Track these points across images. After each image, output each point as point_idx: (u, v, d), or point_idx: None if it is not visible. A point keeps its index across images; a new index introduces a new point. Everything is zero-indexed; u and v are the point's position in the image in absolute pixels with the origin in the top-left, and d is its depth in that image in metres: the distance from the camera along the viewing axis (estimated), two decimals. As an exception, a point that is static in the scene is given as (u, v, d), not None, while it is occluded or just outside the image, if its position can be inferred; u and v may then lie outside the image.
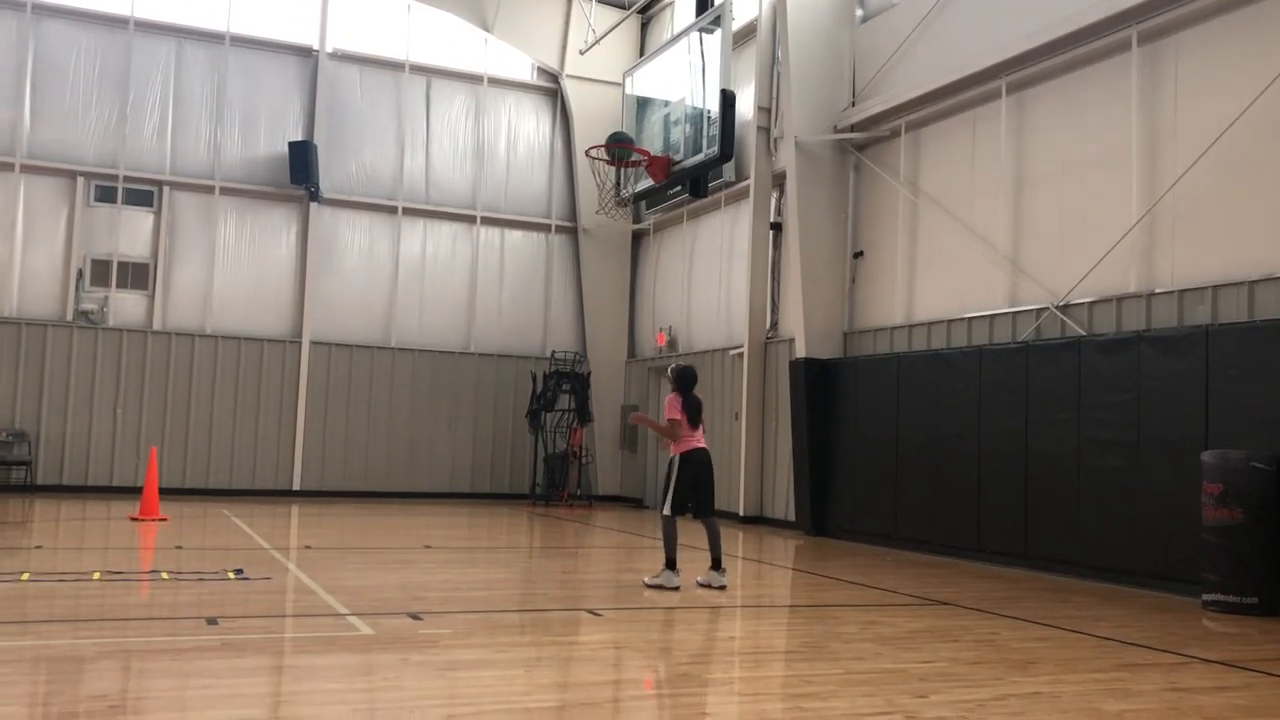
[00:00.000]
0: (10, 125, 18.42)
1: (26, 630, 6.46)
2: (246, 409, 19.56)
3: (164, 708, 4.84)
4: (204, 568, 9.28)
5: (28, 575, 8.55)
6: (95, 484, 18.38)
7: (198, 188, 19.55)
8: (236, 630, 6.54)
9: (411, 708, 4.91)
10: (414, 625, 6.87)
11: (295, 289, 20.17)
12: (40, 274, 18.60)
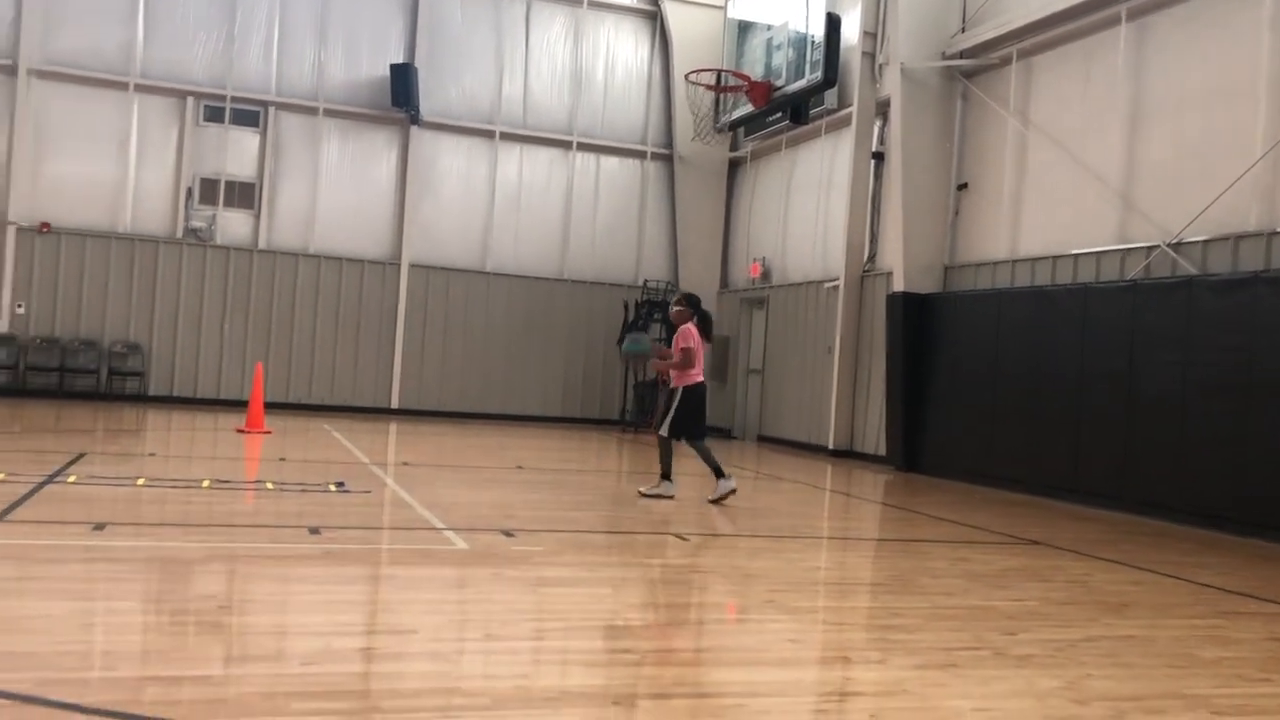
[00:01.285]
0: (124, 45, 18.87)
1: (142, 532, 6.78)
2: (347, 328, 20.03)
3: (269, 610, 5.06)
4: (306, 480, 9.60)
5: (143, 480, 8.95)
6: (203, 396, 19.08)
7: (302, 109, 19.84)
8: (338, 540, 6.78)
9: (504, 620, 5.05)
10: (506, 542, 7.04)
11: (395, 212, 20.45)
12: (152, 192, 19.16)
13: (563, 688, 4.02)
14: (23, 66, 18.21)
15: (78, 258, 18.60)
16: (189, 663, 4.03)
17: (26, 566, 5.52)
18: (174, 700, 3.53)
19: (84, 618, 4.62)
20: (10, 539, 6.22)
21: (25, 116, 18.28)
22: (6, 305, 18.23)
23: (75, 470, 9.19)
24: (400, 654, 4.33)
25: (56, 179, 18.57)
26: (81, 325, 18.60)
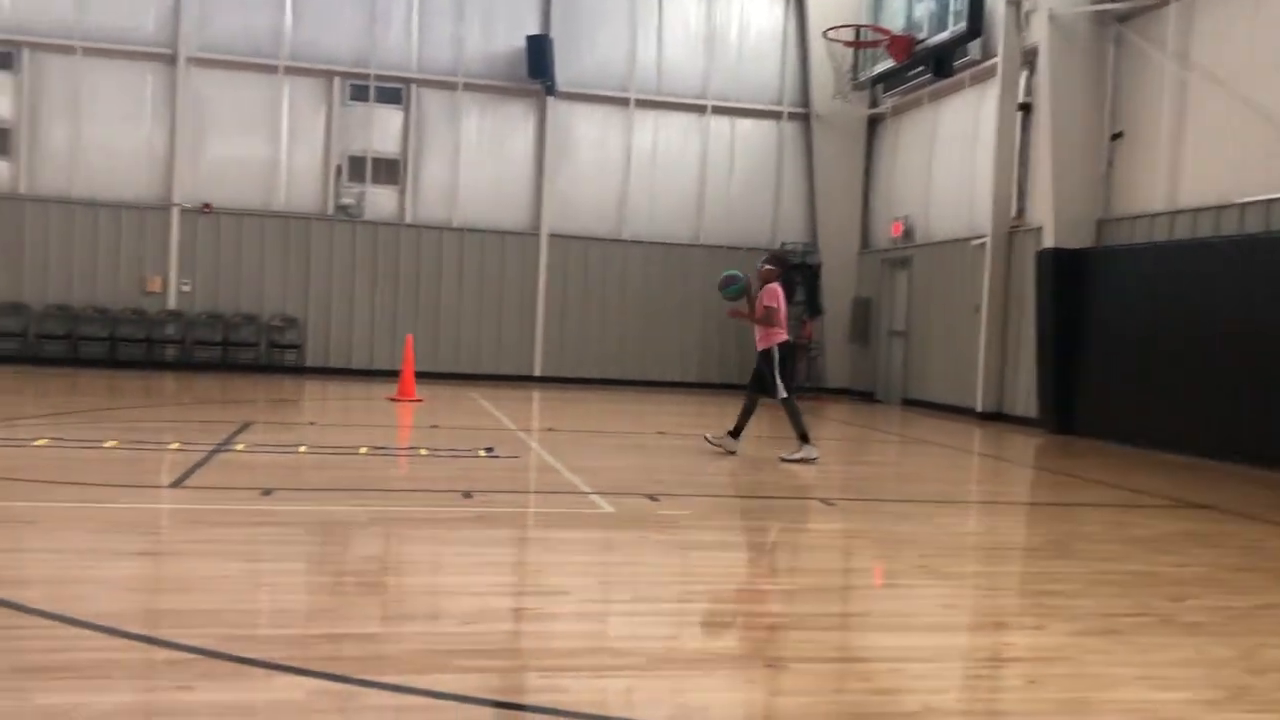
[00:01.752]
0: (274, 30, 19.58)
1: (306, 497, 7.11)
2: (490, 298, 20.46)
3: (427, 571, 5.25)
4: (457, 446, 9.88)
5: (304, 448, 9.37)
6: (357, 366, 19.80)
7: (442, 84, 20.25)
8: (489, 504, 6.97)
9: (652, 583, 5.12)
10: (652, 506, 7.11)
11: (533, 183, 20.73)
12: (303, 171, 19.89)
13: (713, 650, 4.06)
14: (182, 55, 19.10)
15: (236, 236, 19.49)
16: (355, 621, 4.22)
17: (204, 529, 5.86)
18: (342, 656, 3.71)
19: (258, 578, 4.88)
20: (188, 504, 6.60)
21: (185, 103, 19.18)
22: (174, 283, 19.25)
23: (242, 439, 9.68)
24: (553, 614, 4.44)
25: (215, 161, 19.46)
26: (242, 300, 19.51)
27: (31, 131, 18.82)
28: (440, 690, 3.39)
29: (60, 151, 18.91)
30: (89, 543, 5.39)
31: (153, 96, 19.21)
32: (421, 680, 3.47)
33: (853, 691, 3.68)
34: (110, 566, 4.95)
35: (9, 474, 7.31)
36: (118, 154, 19.06)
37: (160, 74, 19.17)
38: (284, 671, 3.51)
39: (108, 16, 18.88)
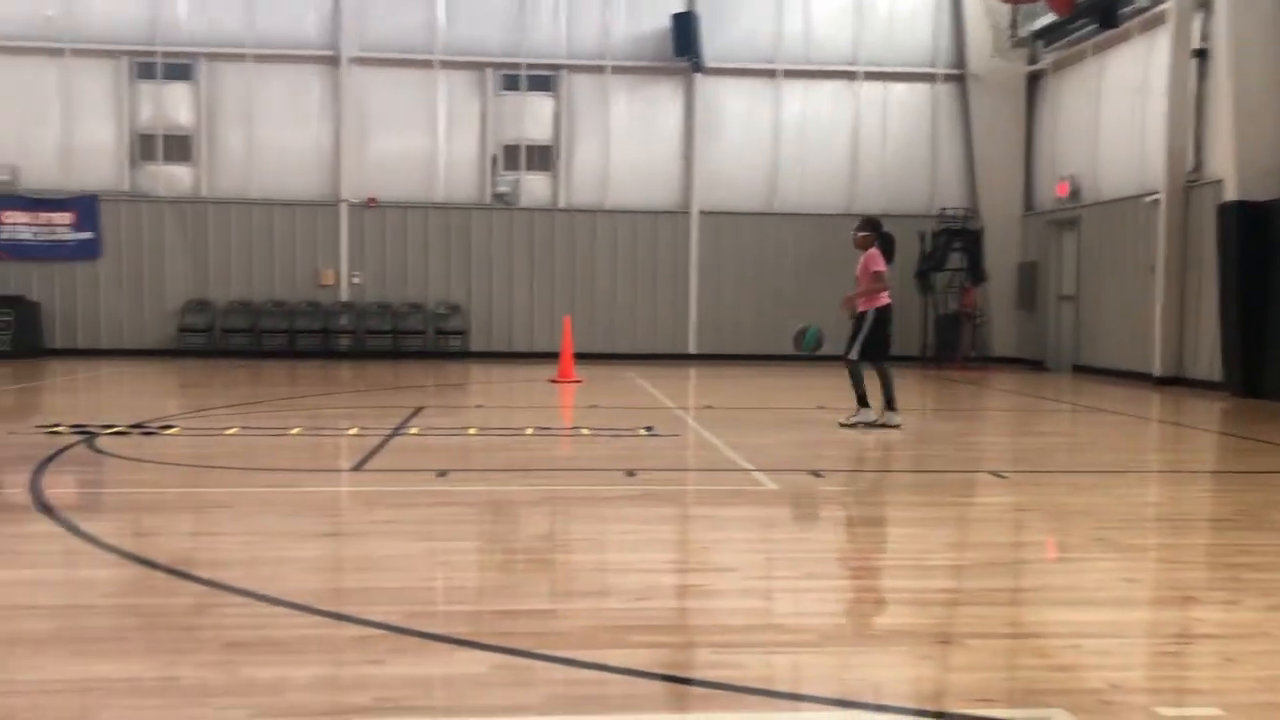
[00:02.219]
0: (427, 26, 20.16)
1: (478, 477, 7.35)
2: (644, 278, 20.64)
3: (598, 549, 5.37)
4: (618, 425, 10.03)
5: (474, 430, 9.68)
6: (518, 350, 20.30)
7: (590, 69, 20.47)
8: (653, 482, 7.06)
9: (820, 559, 5.10)
10: (815, 482, 7.08)
11: (682, 161, 20.77)
12: (461, 161, 20.46)
13: (885, 626, 4.03)
14: (343, 56, 19.88)
15: (400, 228, 20.21)
16: (533, 598, 4.36)
17: (385, 510, 6.14)
18: (519, 632, 3.84)
19: (437, 556, 5.08)
20: (369, 486, 6.93)
21: (349, 102, 19.97)
22: (345, 275, 20.12)
23: (415, 423, 10.07)
24: (723, 591, 4.48)
25: (378, 156, 20.21)
26: (408, 290, 20.24)
27: (210, 137, 19.94)
28: (615, 665, 3.48)
29: (236, 155, 19.98)
30: (279, 525, 5.72)
31: (318, 97, 20.07)
32: (596, 655, 3.56)
33: (1030, 668, 3.60)
34: (299, 547, 5.25)
35: (204, 461, 7.81)
36: (288, 154, 20.02)
37: (324, 76, 20.01)
38: (465, 646, 3.66)
39: (274, 24, 19.80)
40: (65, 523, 5.61)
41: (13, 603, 4.19)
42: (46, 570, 4.77)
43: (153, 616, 4.03)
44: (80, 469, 7.44)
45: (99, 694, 3.17)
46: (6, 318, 18.66)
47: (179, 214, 19.79)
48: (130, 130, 19.78)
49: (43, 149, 19.62)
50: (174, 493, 6.70)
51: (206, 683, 3.28)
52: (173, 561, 4.79)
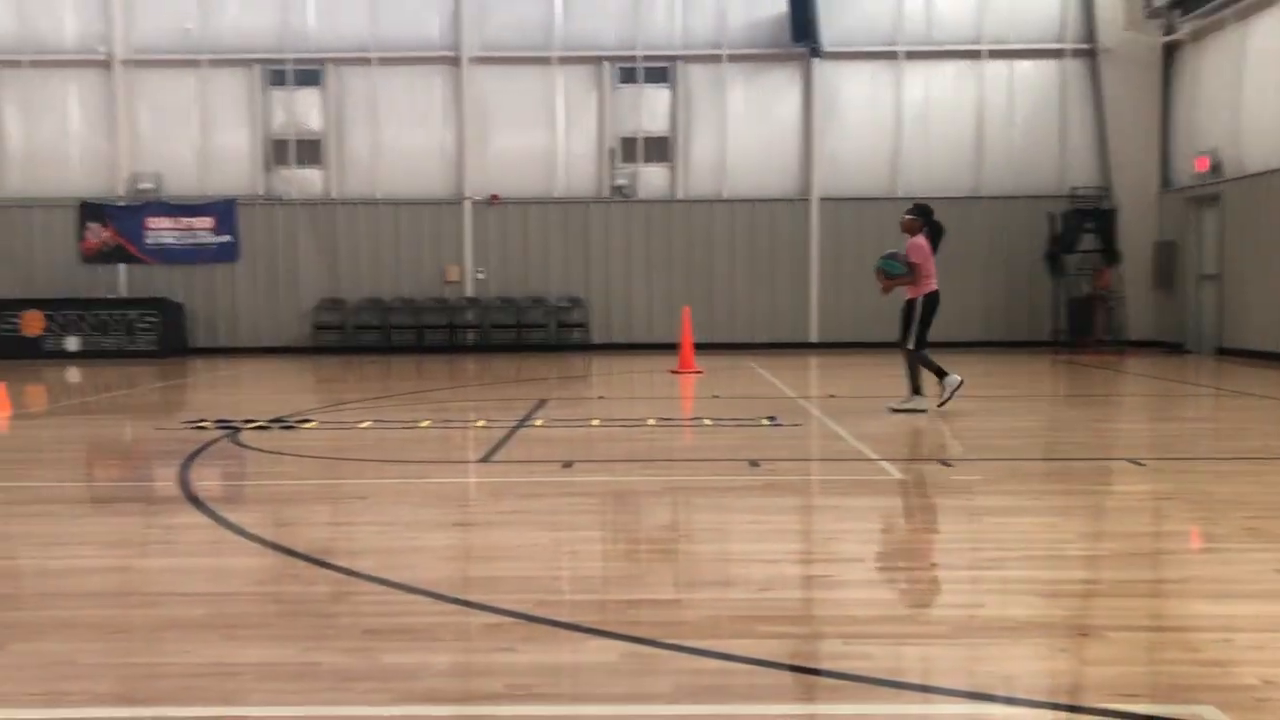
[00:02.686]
0: (545, 23, 20.39)
1: (602, 468, 7.43)
2: (763, 266, 20.51)
3: (721, 539, 5.36)
4: (740, 415, 10.00)
5: (597, 421, 9.77)
6: (638, 341, 20.41)
7: (706, 58, 20.41)
8: (777, 472, 7.02)
9: (950, 549, 5.00)
10: (943, 471, 6.93)
11: (801, 148, 20.55)
12: (579, 156, 20.66)
13: (1019, 618, 3.92)
14: (464, 56, 20.26)
15: (521, 223, 20.52)
16: (658, 587, 4.39)
17: (513, 501, 6.25)
18: (648, 621, 3.86)
19: (565, 545, 5.15)
20: (497, 477, 7.06)
21: (470, 101, 20.35)
22: (469, 271, 20.53)
23: (540, 415, 10.23)
24: (850, 581, 4.43)
25: (498, 153, 20.55)
26: (530, 284, 20.54)
27: (338, 140, 20.57)
28: (745, 655, 3.48)
29: (363, 156, 20.57)
30: (411, 515, 5.88)
31: (440, 98, 20.51)
32: (725, 645, 3.57)
33: (1175, 663, 3.46)
34: (431, 537, 5.39)
35: (340, 454, 8.08)
36: (413, 154, 20.52)
37: (446, 76, 20.43)
38: (596, 635, 3.70)
39: (397, 27, 20.30)
40: (212, 513, 5.87)
41: (165, 589, 4.41)
42: (195, 559, 5.01)
43: (294, 603, 4.20)
44: (224, 462, 7.78)
45: (246, 678, 3.32)
46: (152, 319, 19.62)
47: (311, 216, 20.49)
48: (264, 136, 20.55)
49: (183, 157, 20.54)
50: (312, 484, 6.95)
51: (348, 668, 3.39)
52: (312, 551, 4.97)
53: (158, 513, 6.08)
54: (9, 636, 3.75)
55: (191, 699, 3.16)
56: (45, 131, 20.49)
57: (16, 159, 20.52)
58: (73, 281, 20.36)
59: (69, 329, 19.55)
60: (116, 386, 14.19)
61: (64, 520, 5.89)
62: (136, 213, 20.28)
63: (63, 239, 20.39)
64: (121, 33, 20.17)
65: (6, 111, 20.48)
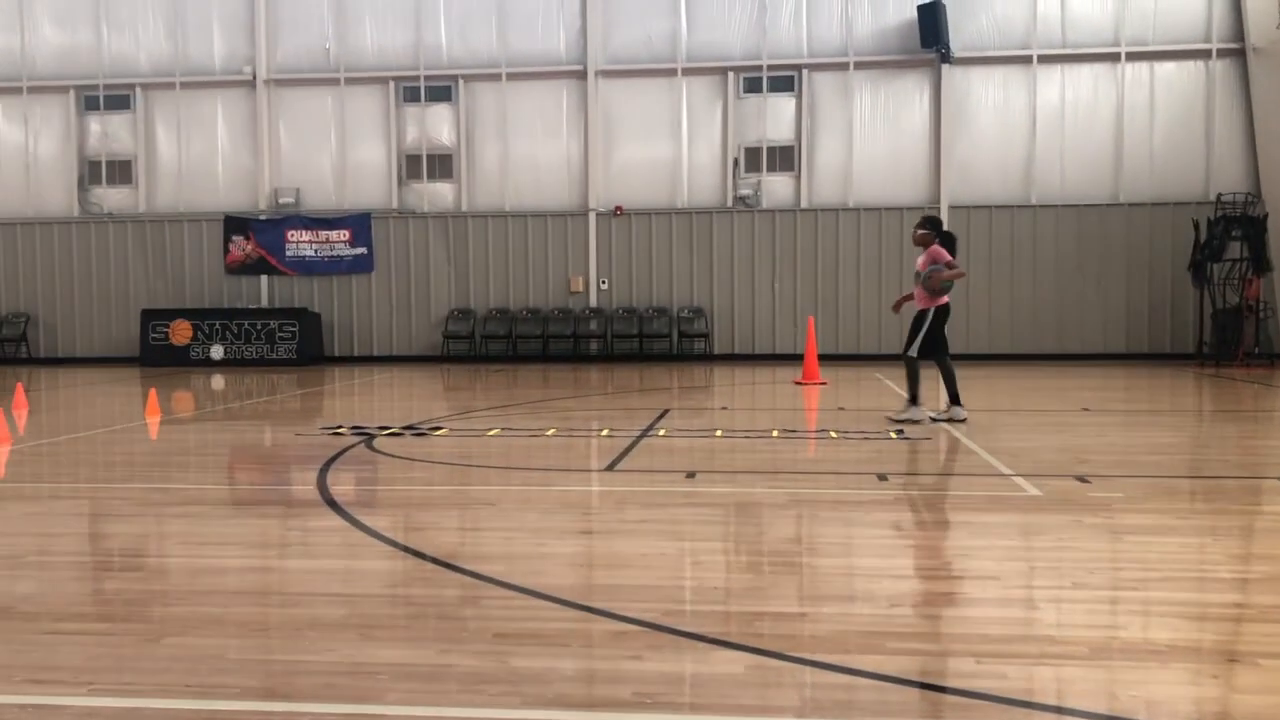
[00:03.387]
0: (670, 35, 20.53)
1: (726, 479, 7.41)
2: (890, 276, 20.20)
3: (849, 553, 5.29)
4: (866, 427, 9.86)
5: (720, 432, 9.77)
6: (760, 352, 20.32)
7: (832, 66, 20.26)
8: (905, 486, 6.90)
9: (1089, 569, 4.83)
10: (1082, 488, 6.71)
11: (929, 155, 20.20)
12: (703, 166, 20.71)
13: (1163, 641, 3.77)
14: (591, 70, 20.54)
15: (646, 234, 20.67)
16: (787, 600, 4.35)
17: (637, 510, 6.29)
18: (775, 634, 3.84)
19: (688, 556, 5.16)
20: (622, 486, 7.12)
21: (596, 114, 20.61)
22: (594, 282, 20.77)
23: (663, 424, 10.26)
24: (984, 599, 4.32)
25: (623, 165, 20.76)
26: (654, 294, 20.66)
27: (468, 154, 21.07)
28: (870, 671, 3.42)
29: (492, 170, 21.03)
30: (538, 522, 5.97)
31: (567, 111, 20.83)
32: (855, 660, 3.52)
33: (1339, 695, 3.27)
34: (557, 544, 5.46)
35: (470, 460, 8.26)
36: (539, 168, 20.89)
37: (573, 90, 20.74)
38: (722, 646, 3.70)
39: (525, 43, 20.72)
40: (348, 517, 6.07)
41: (306, 590, 4.57)
42: (333, 560, 5.18)
43: (427, 606, 4.30)
44: (360, 467, 8.03)
45: (384, 677, 3.42)
46: (291, 328, 20.40)
47: (442, 228, 21.03)
48: (398, 151, 21.20)
49: (321, 172, 21.34)
50: (443, 490, 7.12)
51: (479, 671, 3.46)
52: (443, 555, 5.10)
53: (298, 515, 6.31)
54: (164, 630, 3.94)
55: (332, 696, 3.27)
56: (194, 149, 21.55)
57: (169, 175, 21.63)
58: (218, 292, 21.35)
59: (214, 338, 20.48)
60: (258, 393, 14.80)
61: (210, 521, 6.16)
62: (278, 226, 21.14)
63: (209, 252, 21.39)
64: (265, 54, 21.07)
65: (160, 131, 21.61)
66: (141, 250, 21.54)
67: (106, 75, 21.41)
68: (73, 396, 14.59)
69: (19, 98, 21.66)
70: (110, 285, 21.62)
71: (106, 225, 21.61)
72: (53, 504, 6.73)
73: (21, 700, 3.25)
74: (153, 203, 21.64)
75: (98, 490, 7.37)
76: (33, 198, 21.78)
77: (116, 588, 4.67)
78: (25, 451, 8.91)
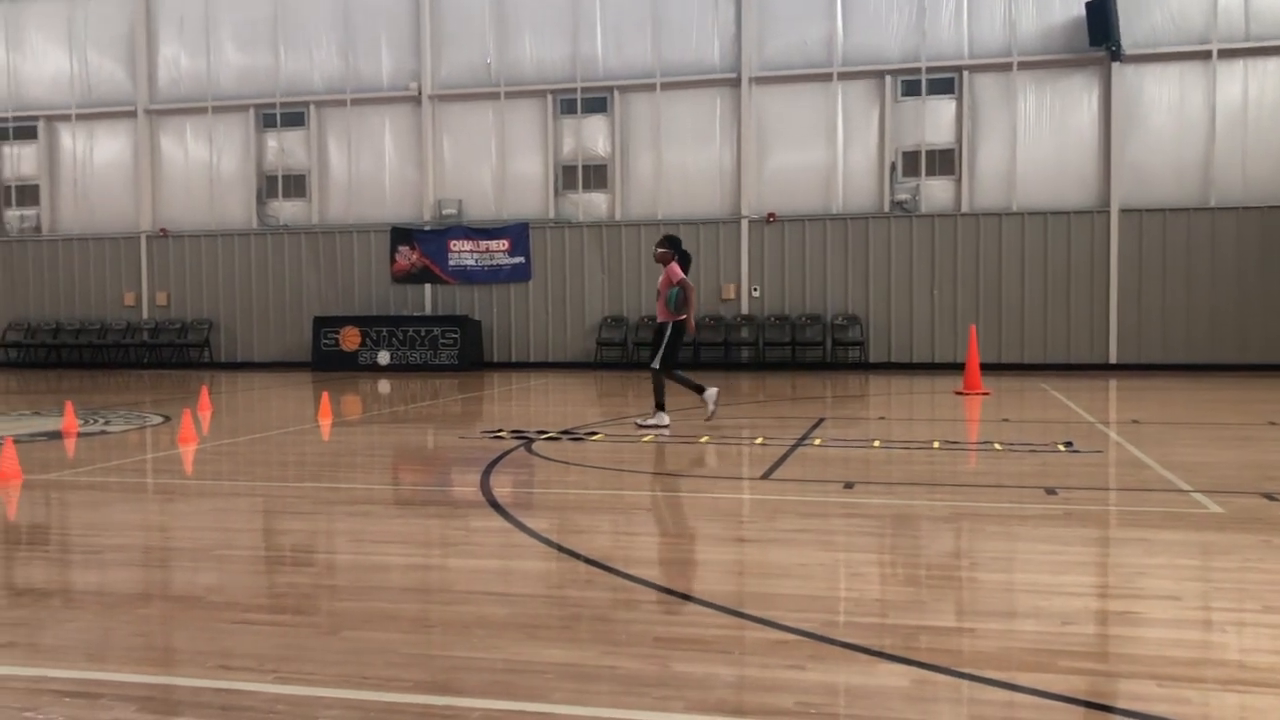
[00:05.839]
0: (825, 39, 20.31)
1: (885, 490, 7.28)
2: (1056, 283, 19.48)
3: (1017, 569, 5.12)
4: (1032, 440, 9.53)
5: (878, 442, 9.59)
6: (918, 360, 19.87)
7: (995, 67, 19.67)
8: (1076, 500, 6.63)
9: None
10: (1270, 506, 6.32)
11: (1099, 157, 19.39)
12: (858, 171, 20.40)
13: (1370, 673, 3.51)
14: (744, 77, 20.51)
15: (799, 240, 20.49)
16: (949, 615, 4.24)
17: (794, 519, 6.24)
18: (943, 649, 3.75)
19: (848, 567, 5.09)
20: (778, 495, 7.07)
21: (749, 121, 20.57)
22: (745, 289, 20.71)
23: (818, 434, 10.15)
24: (1161, 620, 4.12)
25: (776, 171, 20.64)
26: (806, 302, 20.46)
27: (623, 164, 21.31)
28: (1045, 690, 3.31)
29: (645, 178, 21.22)
30: (693, 529, 5.98)
31: (720, 119, 20.84)
32: (1025, 678, 3.41)
33: None
34: (713, 551, 5.46)
35: (624, 466, 8.34)
36: (691, 176, 20.97)
37: (727, 97, 20.75)
38: (886, 659, 3.63)
39: (679, 52, 20.84)
40: (510, 518, 6.21)
41: (471, 588, 4.70)
42: (497, 560, 5.31)
43: (587, 608, 4.37)
44: (520, 470, 8.22)
45: (549, 676, 3.48)
46: (453, 335, 21.02)
47: (596, 237, 21.33)
48: (555, 162, 21.61)
49: (482, 183, 21.94)
50: (599, 494, 7.21)
51: (641, 674, 3.49)
52: (602, 558, 5.16)
53: (461, 515, 6.50)
54: (341, 624, 4.12)
55: (500, 693, 3.35)
56: (363, 163, 22.47)
57: (339, 188, 22.61)
58: (384, 300, 22.18)
59: (381, 344, 21.28)
60: (422, 398, 15.31)
61: (379, 519, 6.41)
62: (441, 237, 21.84)
63: (377, 261, 22.25)
64: (430, 70, 21.80)
65: (331, 146, 22.62)
66: (314, 260, 22.58)
67: (283, 94, 22.54)
68: (250, 399, 15.40)
69: (204, 117, 23.02)
70: (285, 293, 22.72)
71: (282, 236, 22.74)
72: (234, 500, 7.11)
73: (214, 685, 3.45)
74: (324, 215, 22.67)
75: (274, 488, 7.75)
76: (216, 211, 23.10)
77: (293, 581, 4.91)
78: (209, 451, 9.45)
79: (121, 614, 4.29)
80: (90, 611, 4.32)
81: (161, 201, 23.33)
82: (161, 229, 23.18)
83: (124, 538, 5.93)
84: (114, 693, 3.37)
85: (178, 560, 5.41)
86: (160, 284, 23.30)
